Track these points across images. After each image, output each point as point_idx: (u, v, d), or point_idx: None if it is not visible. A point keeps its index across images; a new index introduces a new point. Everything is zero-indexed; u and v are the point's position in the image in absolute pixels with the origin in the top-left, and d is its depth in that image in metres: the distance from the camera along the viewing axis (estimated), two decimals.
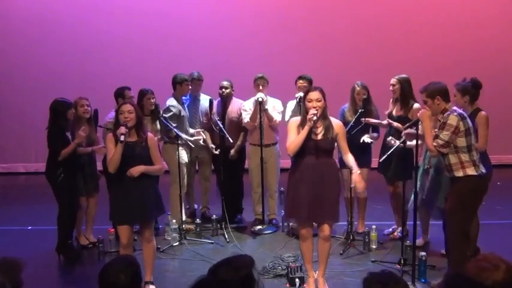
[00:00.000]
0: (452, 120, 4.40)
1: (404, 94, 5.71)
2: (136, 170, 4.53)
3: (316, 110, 4.41)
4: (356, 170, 4.57)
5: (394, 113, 5.80)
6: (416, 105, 5.64)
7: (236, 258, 2.38)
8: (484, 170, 4.56)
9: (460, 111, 4.57)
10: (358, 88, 5.84)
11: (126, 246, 4.67)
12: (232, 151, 6.40)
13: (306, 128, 4.41)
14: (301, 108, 4.72)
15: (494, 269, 2.27)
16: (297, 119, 4.64)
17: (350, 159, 4.60)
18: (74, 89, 6.64)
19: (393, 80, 5.75)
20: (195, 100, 6.55)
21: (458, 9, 8.97)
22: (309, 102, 4.47)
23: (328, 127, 4.51)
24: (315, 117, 4.38)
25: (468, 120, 4.53)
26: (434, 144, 4.44)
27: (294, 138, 4.48)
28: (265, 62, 8.36)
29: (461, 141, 4.44)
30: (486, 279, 2.25)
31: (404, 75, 5.75)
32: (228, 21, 9.08)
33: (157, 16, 9.15)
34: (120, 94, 5.98)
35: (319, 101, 4.46)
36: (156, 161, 4.69)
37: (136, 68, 8.80)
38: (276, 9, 9.07)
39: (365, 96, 5.81)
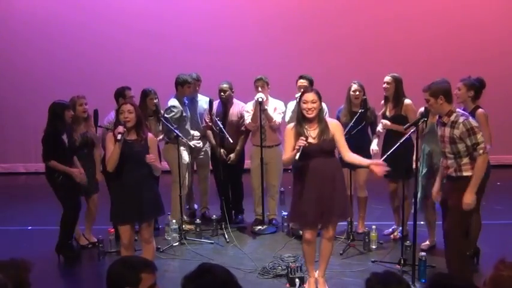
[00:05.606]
0: (474, 122, 4.38)
1: (398, 93, 5.71)
2: (152, 157, 4.56)
3: (305, 139, 4.33)
4: (368, 162, 4.51)
5: (387, 113, 5.79)
6: (407, 101, 5.66)
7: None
8: None
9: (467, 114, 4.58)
10: (354, 86, 5.83)
11: (128, 246, 4.68)
12: (232, 155, 6.38)
13: (295, 152, 4.34)
14: (297, 109, 4.71)
15: None
16: (291, 125, 4.61)
17: (353, 156, 4.54)
18: (74, 89, 6.60)
19: (388, 78, 5.73)
20: (192, 101, 6.55)
21: (459, 10, 8.96)
22: (304, 103, 4.46)
23: (324, 129, 4.48)
24: (303, 144, 4.29)
25: None
26: (486, 151, 4.34)
27: (287, 156, 4.50)
28: (266, 64, 8.35)
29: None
30: None
31: (397, 74, 5.74)
32: (229, 23, 9.07)
33: (159, 18, 9.14)
34: (121, 94, 5.97)
35: (314, 103, 4.45)
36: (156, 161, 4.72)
37: (136, 70, 8.77)
38: (277, 11, 9.06)
39: (365, 97, 5.81)
